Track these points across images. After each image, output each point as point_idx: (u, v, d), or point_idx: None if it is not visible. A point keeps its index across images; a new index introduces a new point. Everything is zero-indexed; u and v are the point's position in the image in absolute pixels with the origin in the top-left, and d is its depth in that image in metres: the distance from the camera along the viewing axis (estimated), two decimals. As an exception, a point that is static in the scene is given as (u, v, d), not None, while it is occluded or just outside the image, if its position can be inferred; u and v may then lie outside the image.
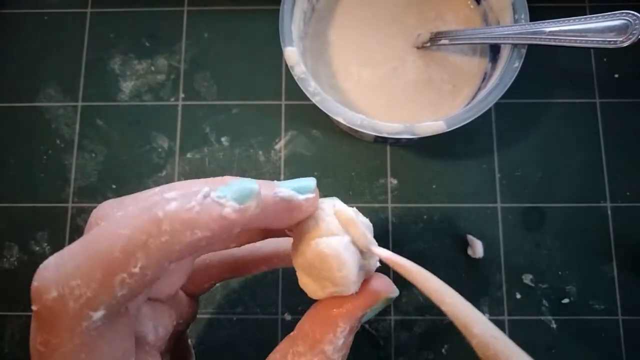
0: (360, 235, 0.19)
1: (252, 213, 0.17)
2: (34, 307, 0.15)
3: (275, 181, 0.19)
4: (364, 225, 0.20)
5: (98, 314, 0.15)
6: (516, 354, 0.17)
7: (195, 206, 0.16)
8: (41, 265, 0.16)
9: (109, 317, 0.15)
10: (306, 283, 0.20)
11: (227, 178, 0.19)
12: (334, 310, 0.19)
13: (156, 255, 0.15)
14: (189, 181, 0.19)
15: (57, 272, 0.15)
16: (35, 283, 0.15)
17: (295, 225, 0.20)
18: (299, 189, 0.19)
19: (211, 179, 0.19)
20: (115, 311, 0.16)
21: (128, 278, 0.15)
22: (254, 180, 0.18)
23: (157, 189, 0.19)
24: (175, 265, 0.17)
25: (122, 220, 0.16)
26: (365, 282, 0.20)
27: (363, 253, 0.20)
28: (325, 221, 0.19)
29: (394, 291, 0.21)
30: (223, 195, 0.16)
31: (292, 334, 0.20)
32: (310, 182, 0.19)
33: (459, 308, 0.18)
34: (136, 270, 0.15)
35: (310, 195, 0.19)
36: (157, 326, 0.20)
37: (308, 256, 0.19)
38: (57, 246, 0.35)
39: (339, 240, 0.19)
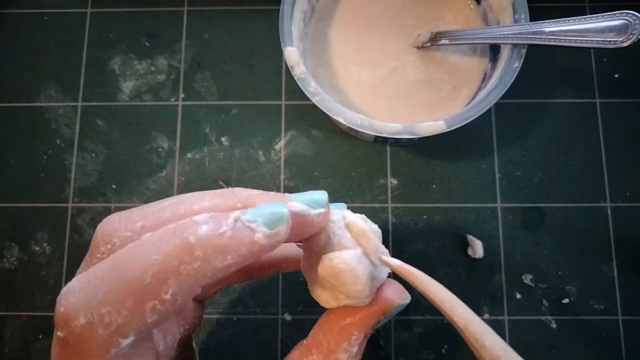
0: (372, 247, 0.19)
1: (281, 238, 0.17)
2: (59, 334, 0.15)
3: (286, 194, 0.19)
4: (372, 232, 0.20)
5: (127, 341, 0.15)
6: None
7: (227, 231, 0.16)
8: (65, 289, 0.15)
9: (137, 342, 0.15)
10: (318, 294, 0.20)
11: (237, 190, 0.19)
12: (348, 319, 0.19)
13: (188, 281, 0.15)
14: (198, 193, 0.19)
15: (84, 298, 0.15)
16: (61, 309, 0.15)
17: (306, 238, 0.20)
18: (310, 203, 0.18)
19: (223, 192, 0.19)
20: (143, 337, 0.16)
21: (159, 305, 0.15)
22: (281, 203, 0.17)
23: (166, 203, 0.18)
24: None
25: (152, 245, 0.15)
26: (378, 290, 0.20)
27: (374, 262, 0.20)
28: (337, 234, 0.19)
29: (406, 297, 0.20)
30: (254, 220, 0.16)
31: (305, 342, 0.20)
32: (322, 195, 0.19)
33: (470, 320, 0.18)
34: (167, 297, 0.15)
35: (322, 210, 0.19)
36: (166, 335, 0.20)
37: (321, 270, 0.19)
38: (57, 246, 0.35)
39: (353, 255, 0.19)
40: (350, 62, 0.35)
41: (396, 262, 0.19)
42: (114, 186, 0.36)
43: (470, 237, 0.34)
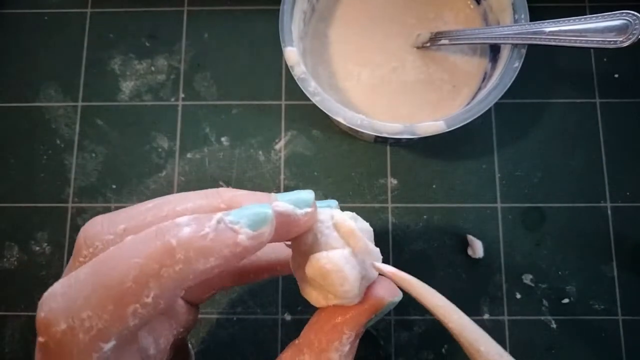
0: (361, 247, 0.19)
1: (265, 239, 0.16)
2: (40, 339, 0.15)
3: (272, 194, 0.19)
4: (363, 231, 0.20)
5: (109, 345, 0.15)
6: None
7: (209, 233, 0.15)
8: (46, 294, 0.15)
9: (119, 346, 0.15)
10: (308, 293, 0.20)
11: (222, 191, 0.18)
12: (339, 318, 0.19)
13: (169, 284, 0.15)
14: (182, 194, 0.18)
15: (65, 303, 0.15)
16: (42, 314, 0.15)
17: (294, 238, 0.20)
18: (297, 202, 0.18)
19: (207, 192, 0.18)
20: (126, 341, 0.15)
21: (140, 308, 0.15)
22: (266, 204, 0.17)
23: (150, 204, 0.18)
24: None
25: (133, 248, 0.15)
26: (368, 288, 0.20)
27: (364, 262, 0.19)
28: (325, 234, 0.19)
29: (397, 295, 0.20)
30: (236, 221, 0.16)
31: (296, 341, 0.20)
32: (309, 195, 0.19)
33: (465, 325, 0.17)
34: (149, 300, 0.15)
35: (309, 210, 0.18)
36: (158, 338, 0.20)
37: (309, 271, 0.19)
38: (57, 246, 0.35)
39: (340, 255, 0.18)
40: (350, 61, 0.35)
41: (389, 269, 0.19)
42: (114, 186, 0.36)
43: (470, 237, 0.34)
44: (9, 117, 0.37)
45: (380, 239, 0.21)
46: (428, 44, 0.34)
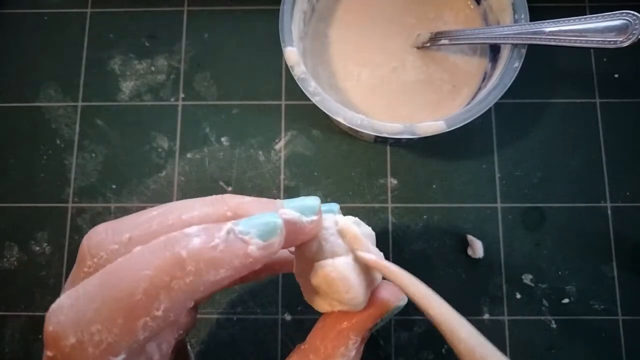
0: (365, 251, 0.19)
1: (275, 249, 0.16)
2: (49, 353, 0.15)
3: (278, 200, 0.19)
4: (366, 236, 0.20)
5: (119, 359, 0.14)
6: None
7: (219, 244, 0.15)
8: (54, 307, 0.15)
9: (129, 359, 0.15)
10: (312, 299, 0.20)
11: (227, 197, 0.18)
12: (345, 323, 0.19)
13: (180, 296, 0.15)
14: (187, 202, 0.18)
15: (74, 316, 0.14)
16: (50, 327, 0.15)
17: (298, 245, 0.19)
18: (302, 209, 0.18)
19: (213, 200, 0.18)
20: (135, 353, 0.15)
21: (151, 321, 0.14)
22: (274, 213, 0.17)
23: (154, 212, 0.18)
24: None
25: (142, 259, 0.15)
26: (374, 292, 0.20)
27: (369, 267, 0.19)
28: (329, 242, 0.19)
29: (402, 299, 0.20)
30: (247, 232, 0.16)
31: (302, 346, 0.20)
32: (315, 202, 0.19)
33: (446, 314, 0.17)
34: (159, 313, 0.14)
35: (315, 217, 0.18)
36: (161, 344, 0.19)
37: (314, 279, 0.19)
38: (57, 246, 0.35)
39: (345, 262, 0.18)
40: (350, 62, 0.35)
41: (371, 258, 0.19)
42: (114, 186, 0.36)
43: (470, 237, 0.34)
44: (9, 117, 0.37)
45: (380, 239, 0.21)
46: (428, 44, 0.34)
